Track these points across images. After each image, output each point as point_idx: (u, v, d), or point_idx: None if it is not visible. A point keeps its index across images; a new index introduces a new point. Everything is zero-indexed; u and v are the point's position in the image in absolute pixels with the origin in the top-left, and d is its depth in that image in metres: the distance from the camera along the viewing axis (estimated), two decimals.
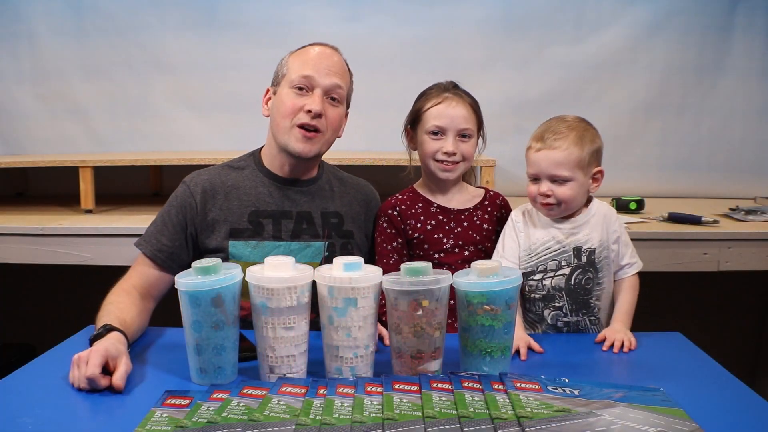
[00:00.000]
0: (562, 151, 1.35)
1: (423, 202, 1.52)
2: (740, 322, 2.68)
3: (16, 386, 1.07)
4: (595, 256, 1.40)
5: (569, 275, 1.39)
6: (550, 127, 1.39)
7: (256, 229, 1.42)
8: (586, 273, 1.40)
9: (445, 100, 1.46)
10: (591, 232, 1.40)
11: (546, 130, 1.38)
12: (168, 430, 0.88)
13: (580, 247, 1.39)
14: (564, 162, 1.35)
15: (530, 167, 1.39)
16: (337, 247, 1.47)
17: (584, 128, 1.39)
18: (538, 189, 1.38)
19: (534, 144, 1.38)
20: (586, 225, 1.41)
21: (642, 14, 2.57)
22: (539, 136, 1.38)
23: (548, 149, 1.36)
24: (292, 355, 1.07)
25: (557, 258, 1.39)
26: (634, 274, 1.45)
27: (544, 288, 1.40)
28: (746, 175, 2.65)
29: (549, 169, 1.36)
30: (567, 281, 1.39)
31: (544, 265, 1.40)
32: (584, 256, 1.39)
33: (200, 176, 1.47)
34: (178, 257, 1.40)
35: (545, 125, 1.41)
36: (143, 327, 1.33)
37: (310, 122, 1.38)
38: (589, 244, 1.40)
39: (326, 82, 1.39)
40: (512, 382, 1.01)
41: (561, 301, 1.40)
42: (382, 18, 2.59)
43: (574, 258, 1.39)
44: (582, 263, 1.39)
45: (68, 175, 2.24)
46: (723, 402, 1.04)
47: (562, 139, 1.35)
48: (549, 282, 1.40)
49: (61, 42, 2.61)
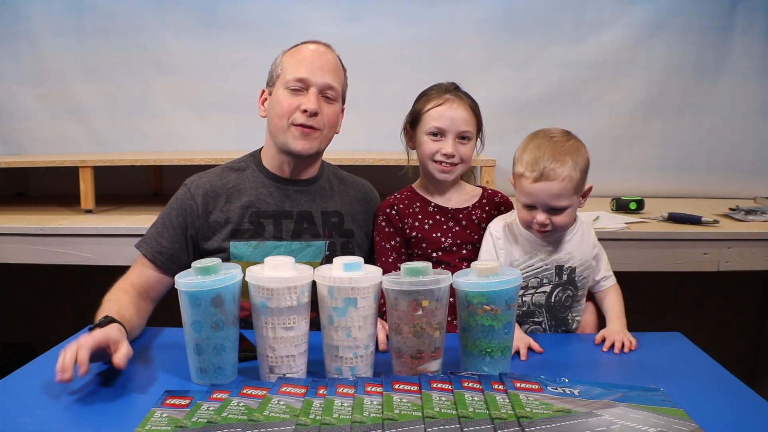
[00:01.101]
0: (560, 182, 1.28)
1: (421, 201, 1.52)
2: (740, 322, 2.68)
3: (16, 386, 1.07)
4: (576, 275, 1.39)
5: (550, 292, 1.39)
6: (542, 152, 1.29)
7: (257, 230, 1.42)
8: (566, 290, 1.40)
9: (446, 101, 1.45)
10: (573, 251, 1.39)
11: (539, 157, 1.29)
12: (168, 430, 0.88)
13: (562, 266, 1.38)
14: (563, 193, 1.29)
15: (524, 197, 1.32)
16: (338, 246, 1.47)
17: (575, 147, 1.32)
18: (533, 218, 1.32)
19: (527, 173, 1.29)
20: (569, 243, 1.39)
21: (642, 14, 2.57)
22: (532, 164, 1.29)
23: (545, 180, 1.28)
24: (292, 355, 1.07)
25: (539, 276, 1.38)
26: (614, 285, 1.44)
27: (524, 304, 1.39)
28: (746, 175, 2.65)
29: (547, 201, 1.30)
30: (548, 298, 1.39)
31: (525, 282, 1.38)
32: (565, 275, 1.39)
33: (201, 179, 1.47)
34: (178, 259, 1.40)
35: (535, 150, 1.31)
36: (141, 326, 1.33)
37: (307, 121, 1.38)
38: (571, 262, 1.39)
39: (320, 81, 1.39)
40: (512, 382, 1.01)
41: (540, 317, 1.40)
42: (382, 18, 2.59)
43: (556, 276, 1.38)
44: (563, 281, 1.39)
45: (68, 175, 2.24)
46: (723, 402, 1.04)
47: (560, 167, 1.28)
48: (529, 298, 1.39)
49: (61, 42, 2.61)
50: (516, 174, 1.34)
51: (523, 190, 1.32)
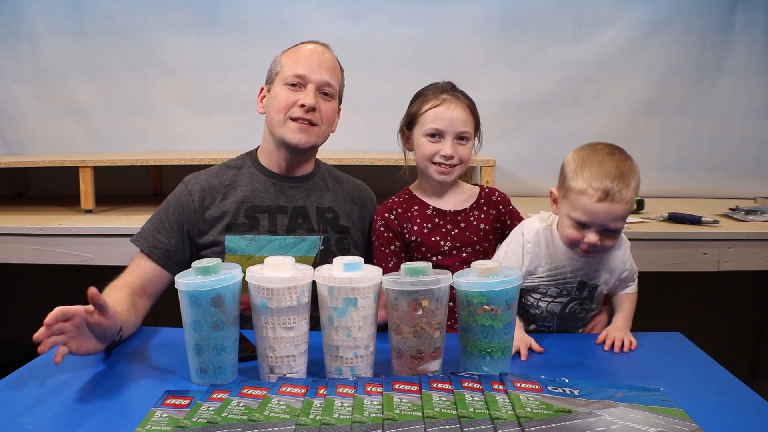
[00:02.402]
0: (624, 204, 1.20)
1: (419, 205, 1.51)
2: (740, 322, 2.68)
3: (16, 386, 1.07)
4: (596, 293, 1.38)
5: (566, 303, 1.38)
6: (607, 170, 1.21)
7: (252, 224, 1.44)
8: (583, 304, 1.39)
9: (444, 102, 1.44)
10: (601, 271, 1.35)
11: (605, 175, 1.20)
12: (168, 430, 0.88)
13: (585, 282, 1.36)
14: (624, 215, 1.23)
15: (581, 215, 1.22)
16: (333, 242, 1.48)
17: (634, 168, 1.25)
18: (583, 236, 1.24)
19: (590, 191, 1.20)
20: (600, 263, 1.34)
21: (642, 14, 2.57)
22: (598, 182, 1.19)
23: (611, 202, 1.19)
24: (292, 355, 1.07)
25: (559, 286, 1.36)
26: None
27: (539, 308, 1.39)
28: (746, 175, 2.65)
29: (607, 222, 1.22)
30: (563, 309, 1.39)
31: (545, 289, 1.37)
32: (586, 291, 1.37)
33: (199, 176, 1.49)
34: (175, 255, 1.42)
35: (598, 166, 1.21)
36: (136, 324, 1.33)
37: (304, 116, 1.41)
38: (596, 281, 1.36)
39: (318, 78, 1.42)
40: (512, 382, 1.01)
41: (551, 323, 1.40)
42: (382, 18, 2.59)
43: (577, 290, 1.37)
44: (582, 296, 1.38)
45: (68, 175, 2.24)
46: (723, 402, 1.04)
47: (625, 189, 1.20)
48: (545, 304, 1.39)
49: (61, 42, 2.61)
50: (572, 189, 1.23)
51: (582, 208, 1.22)
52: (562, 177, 1.29)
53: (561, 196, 1.28)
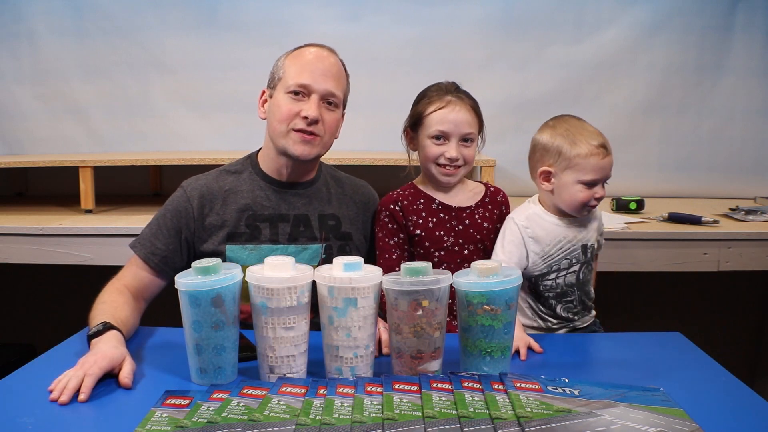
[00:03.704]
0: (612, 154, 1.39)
1: (425, 199, 1.51)
2: (740, 322, 2.68)
3: (16, 386, 1.07)
4: (592, 252, 1.47)
5: (578, 271, 1.45)
6: (592, 131, 1.40)
7: (253, 233, 1.42)
8: (589, 266, 1.47)
9: (449, 104, 1.44)
10: (591, 230, 1.47)
11: (597, 134, 1.39)
12: (168, 430, 0.88)
13: (586, 244, 1.45)
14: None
15: (594, 173, 1.37)
16: (335, 250, 1.46)
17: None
18: (593, 195, 1.39)
19: (597, 149, 1.36)
20: (589, 221, 1.47)
21: (642, 14, 2.57)
22: (597, 141, 1.37)
23: (610, 155, 1.38)
24: (292, 355, 1.07)
25: (569, 257, 1.43)
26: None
27: (558, 286, 1.44)
28: (746, 175, 2.65)
29: (609, 173, 1.40)
30: (577, 277, 1.45)
31: (558, 265, 1.43)
32: (589, 252, 1.45)
33: (198, 181, 1.46)
34: (172, 261, 1.40)
35: (582, 129, 1.40)
36: (136, 326, 1.33)
37: (307, 128, 1.37)
38: (591, 240, 1.46)
39: (322, 88, 1.38)
40: (512, 382, 1.01)
41: (572, 295, 1.45)
42: (382, 18, 2.59)
43: (582, 254, 1.44)
44: (587, 258, 1.45)
45: (68, 175, 2.24)
46: (723, 402, 1.04)
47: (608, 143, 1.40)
48: (562, 280, 1.44)
49: (61, 42, 2.61)
50: (578, 156, 1.37)
51: (593, 168, 1.37)
52: (554, 154, 1.40)
53: (562, 169, 1.39)
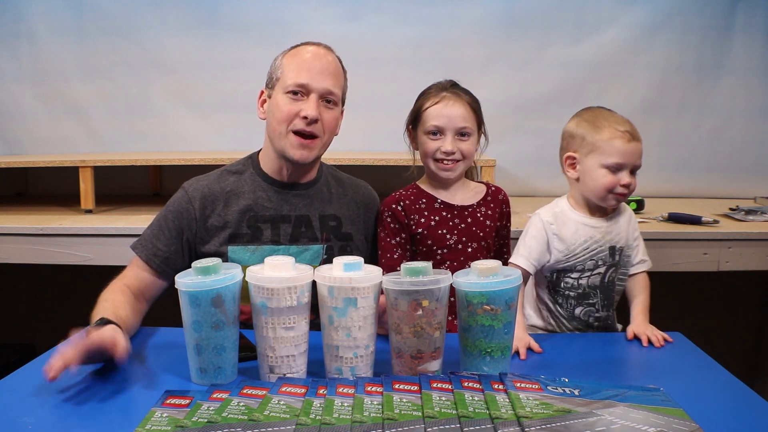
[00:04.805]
0: (641, 141, 1.38)
1: (427, 198, 1.51)
2: (740, 322, 2.68)
3: (16, 386, 1.07)
4: (623, 255, 1.44)
5: (604, 273, 1.43)
6: (617, 117, 1.40)
7: (255, 234, 1.42)
8: (618, 270, 1.45)
9: (443, 99, 1.46)
10: (621, 231, 1.44)
11: (624, 121, 1.39)
12: (168, 430, 0.88)
13: (614, 246, 1.43)
14: (642, 151, 1.39)
15: (618, 157, 1.36)
16: (336, 250, 1.46)
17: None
18: (618, 181, 1.37)
19: (623, 133, 1.36)
20: (619, 224, 1.45)
21: (642, 14, 2.57)
22: (622, 126, 1.37)
23: (637, 141, 1.36)
24: (292, 355, 1.07)
25: (594, 258, 1.42)
26: (645, 272, 1.49)
27: (580, 287, 1.43)
28: (746, 175, 2.65)
29: (636, 160, 1.37)
30: (602, 279, 1.43)
31: (582, 265, 1.42)
32: (617, 255, 1.43)
33: (199, 182, 1.46)
34: (173, 262, 1.40)
35: (609, 116, 1.40)
36: (136, 326, 1.33)
37: (306, 128, 1.37)
38: (621, 243, 1.43)
39: (321, 87, 1.38)
40: (512, 382, 1.01)
41: (594, 298, 1.44)
42: (382, 18, 2.59)
43: (609, 256, 1.43)
44: (615, 261, 1.43)
45: (68, 175, 2.24)
46: (723, 402, 1.04)
47: (636, 130, 1.38)
48: (585, 281, 1.43)
49: (61, 42, 2.61)
50: (601, 140, 1.37)
51: (617, 151, 1.36)
52: (578, 140, 1.41)
53: (585, 153, 1.40)
